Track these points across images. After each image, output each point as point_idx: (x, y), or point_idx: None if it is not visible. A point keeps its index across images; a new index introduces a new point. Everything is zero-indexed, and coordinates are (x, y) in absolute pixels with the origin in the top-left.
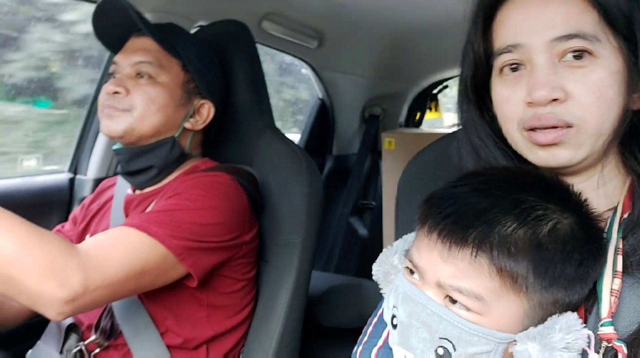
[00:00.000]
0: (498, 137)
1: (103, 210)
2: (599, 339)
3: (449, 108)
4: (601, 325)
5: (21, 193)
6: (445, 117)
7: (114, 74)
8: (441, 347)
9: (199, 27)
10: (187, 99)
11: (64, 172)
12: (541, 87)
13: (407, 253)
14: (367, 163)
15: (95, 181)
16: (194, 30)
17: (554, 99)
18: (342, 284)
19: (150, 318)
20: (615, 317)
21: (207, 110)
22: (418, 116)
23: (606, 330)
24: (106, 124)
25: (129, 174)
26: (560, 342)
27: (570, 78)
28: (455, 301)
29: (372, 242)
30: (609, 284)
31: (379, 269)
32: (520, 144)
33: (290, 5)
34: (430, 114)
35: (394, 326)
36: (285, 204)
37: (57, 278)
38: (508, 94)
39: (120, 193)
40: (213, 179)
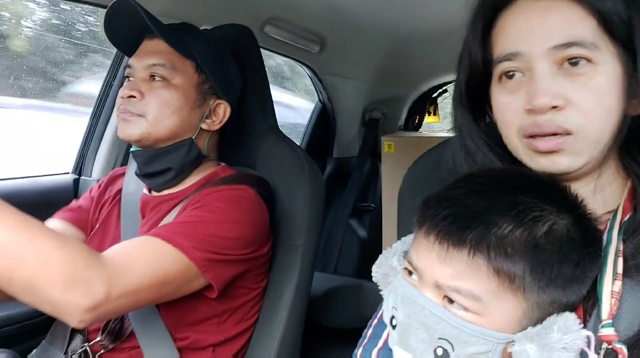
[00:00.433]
0: (493, 142)
1: (114, 201)
2: (599, 341)
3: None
4: (602, 327)
5: (26, 193)
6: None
7: (128, 77)
8: (440, 347)
9: (205, 32)
10: (203, 100)
11: (68, 173)
12: (541, 95)
13: (406, 254)
14: (367, 166)
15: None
16: None
17: (554, 107)
18: (342, 285)
19: (162, 320)
20: (616, 318)
21: (223, 110)
22: (417, 119)
23: (607, 332)
24: (122, 128)
25: (147, 176)
26: (558, 342)
27: (569, 86)
28: (454, 302)
29: (372, 244)
30: (610, 286)
31: (378, 271)
32: (520, 151)
33: (293, 10)
34: (430, 118)
35: (393, 327)
36: (288, 207)
37: (81, 286)
38: (508, 101)
39: (130, 188)
40: (239, 193)
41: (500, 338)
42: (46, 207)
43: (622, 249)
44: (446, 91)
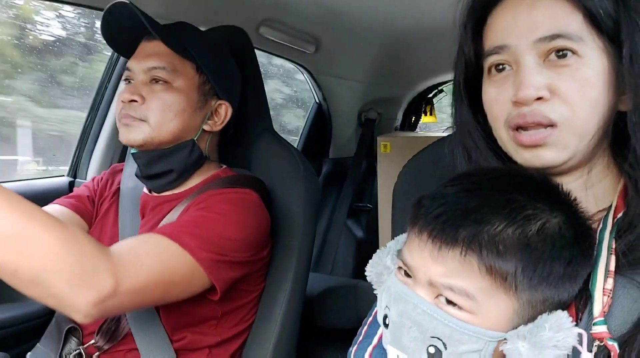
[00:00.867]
0: (490, 138)
1: (113, 198)
2: (591, 338)
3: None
4: (594, 324)
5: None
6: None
7: (128, 80)
8: (432, 345)
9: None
10: (204, 102)
11: (63, 176)
12: (526, 87)
13: (399, 253)
14: (364, 166)
15: None
16: None
17: (539, 98)
18: (338, 285)
19: (160, 322)
20: (608, 316)
21: (224, 110)
22: (413, 119)
23: (599, 330)
24: (124, 133)
25: (148, 178)
26: (550, 340)
27: (555, 77)
28: (447, 301)
29: (368, 244)
30: (602, 283)
31: (372, 270)
32: (507, 144)
33: (288, 12)
34: (426, 118)
35: (386, 326)
36: (283, 207)
37: (87, 281)
38: (496, 94)
39: (129, 186)
40: (242, 196)
41: (492, 337)
42: None
43: (614, 247)
44: (442, 91)
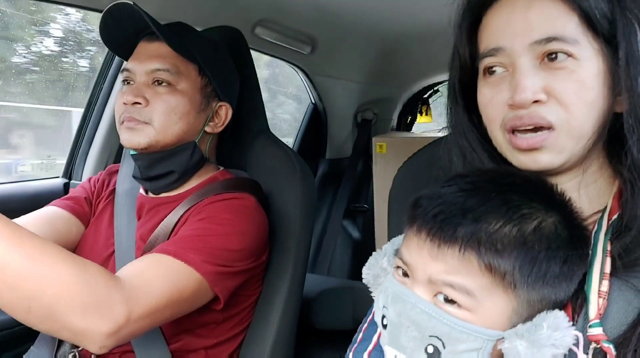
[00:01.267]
0: (485, 140)
1: (108, 199)
2: (587, 340)
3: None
4: (590, 326)
5: (16, 198)
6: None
7: (127, 81)
8: (431, 345)
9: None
10: (207, 104)
11: (58, 177)
12: (522, 90)
13: (397, 252)
14: (360, 167)
15: None
16: None
17: (536, 101)
18: (335, 287)
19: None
20: (604, 318)
21: (224, 112)
22: (409, 120)
23: (595, 332)
24: (128, 137)
25: (148, 179)
26: (548, 338)
27: (551, 79)
28: (445, 299)
29: (365, 245)
30: (597, 286)
31: (368, 272)
32: (503, 146)
33: (283, 12)
34: (422, 119)
35: (384, 326)
36: (279, 209)
37: (101, 312)
38: (491, 96)
39: (125, 187)
40: (242, 203)
41: (491, 335)
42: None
43: (609, 249)
44: (438, 91)
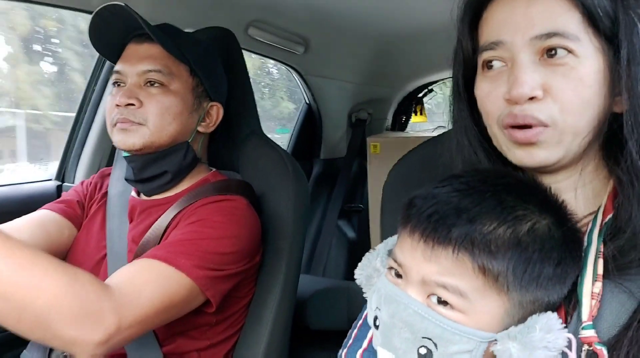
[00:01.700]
0: (484, 138)
1: (100, 202)
2: (580, 342)
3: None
4: (582, 328)
5: (8, 201)
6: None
7: (118, 83)
8: (423, 346)
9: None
10: (199, 104)
11: (51, 180)
12: (520, 85)
13: (390, 253)
14: (355, 167)
15: None
16: None
17: (532, 98)
18: (330, 287)
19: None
20: (597, 320)
21: (215, 112)
22: (404, 119)
23: (587, 334)
24: (121, 138)
25: (141, 181)
26: (540, 341)
27: (550, 75)
28: (439, 301)
29: (360, 245)
30: (590, 287)
31: (361, 273)
32: (500, 141)
33: (276, 12)
34: (416, 118)
35: (376, 327)
36: (272, 209)
37: (91, 322)
38: (489, 90)
39: (117, 190)
40: (232, 205)
41: (484, 338)
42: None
43: (602, 250)
44: (432, 90)
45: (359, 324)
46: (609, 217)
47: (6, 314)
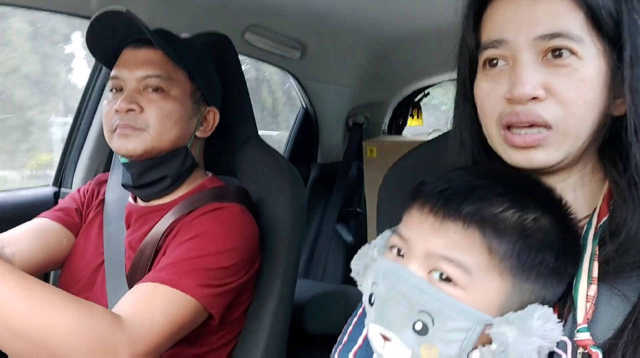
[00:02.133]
0: (480, 141)
1: (98, 209)
2: (575, 345)
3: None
4: (577, 331)
5: (5, 207)
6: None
7: (116, 89)
8: (420, 321)
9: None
10: (197, 109)
11: (48, 185)
12: (522, 85)
13: (394, 231)
14: (353, 171)
15: None
16: None
17: (534, 98)
18: (327, 291)
19: None
20: (592, 323)
21: (212, 117)
22: (401, 123)
23: (582, 336)
24: (122, 144)
25: (140, 187)
26: (538, 329)
27: (552, 76)
28: (440, 277)
29: (358, 249)
30: (585, 290)
31: (358, 263)
32: (496, 142)
33: (273, 17)
34: (413, 122)
35: (371, 304)
36: (269, 214)
37: (107, 355)
38: (489, 89)
39: (114, 196)
40: (230, 214)
41: (482, 319)
42: (27, 221)
43: (597, 253)
44: (428, 94)
45: (354, 321)
46: (603, 220)
47: (23, 352)
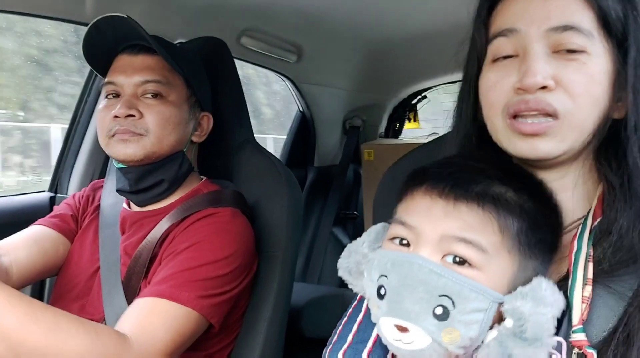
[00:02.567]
0: (484, 138)
1: (93, 215)
2: (570, 345)
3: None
4: (573, 332)
5: (1, 213)
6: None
7: (113, 95)
8: (440, 305)
9: (179, 44)
10: (193, 114)
11: (44, 191)
12: (533, 73)
13: (394, 221)
14: (350, 174)
15: None
16: None
17: (544, 87)
18: (323, 295)
19: None
20: (587, 323)
21: (206, 122)
22: (397, 126)
23: (578, 337)
24: (121, 149)
25: (136, 192)
26: (549, 298)
27: (561, 68)
28: (454, 260)
29: None
30: (580, 291)
31: (348, 261)
32: (501, 132)
33: (268, 21)
34: (409, 125)
35: (381, 297)
36: (266, 217)
37: None
38: (497, 80)
39: (109, 202)
40: (225, 219)
41: (497, 298)
42: (22, 226)
43: (592, 254)
44: (425, 97)
45: (343, 321)
46: (598, 220)
47: None
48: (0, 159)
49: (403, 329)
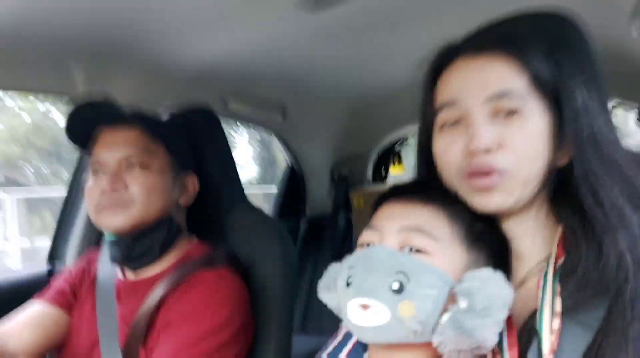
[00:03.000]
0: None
1: (91, 286)
2: None
3: None
4: None
5: (1, 291)
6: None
7: (99, 171)
8: (396, 281)
9: (170, 115)
10: (177, 178)
11: (42, 264)
12: (478, 139)
13: (365, 229)
14: (342, 222)
15: None
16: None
17: (489, 150)
18: (323, 345)
19: None
20: (557, 353)
21: (191, 184)
22: (383, 172)
23: None
24: (109, 221)
25: (129, 259)
26: (499, 280)
27: (503, 130)
28: (410, 250)
29: None
30: (549, 323)
31: (328, 278)
32: (460, 189)
33: (253, 84)
34: (395, 169)
35: (348, 285)
36: (260, 274)
37: None
38: (447, 146)
39: (105, 274)
40: (219, 281)
41: (448, 281)
42: (20, 301)
43: (559, 289)
44: (407, 139)
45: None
46: (561, 260)
47: None
48: None
49: (365, 307)
